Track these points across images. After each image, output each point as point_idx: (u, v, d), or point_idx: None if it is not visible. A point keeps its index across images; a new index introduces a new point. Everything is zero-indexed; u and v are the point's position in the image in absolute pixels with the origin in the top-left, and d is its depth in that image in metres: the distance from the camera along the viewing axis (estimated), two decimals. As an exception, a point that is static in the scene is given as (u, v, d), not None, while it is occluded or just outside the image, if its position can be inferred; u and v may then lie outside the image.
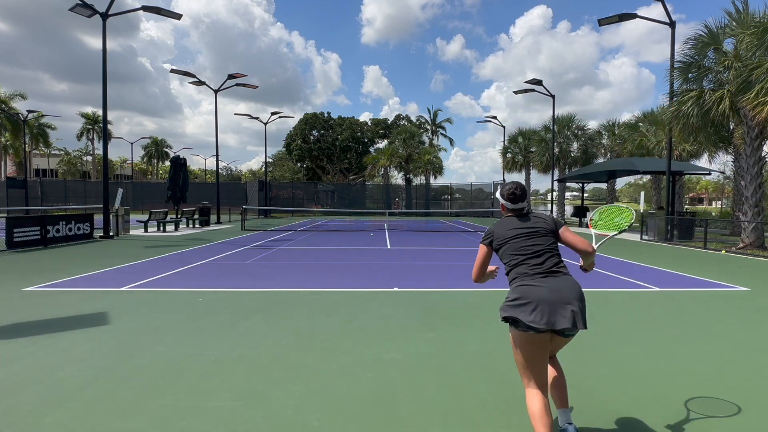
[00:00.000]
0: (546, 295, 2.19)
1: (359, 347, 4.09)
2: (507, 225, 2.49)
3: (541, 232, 2.42)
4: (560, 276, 2.29)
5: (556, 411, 2.48)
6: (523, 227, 2.44)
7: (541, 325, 2.14)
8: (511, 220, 2.51)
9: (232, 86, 22.72)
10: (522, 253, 2.36)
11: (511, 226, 2.47)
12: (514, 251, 2.39)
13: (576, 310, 2.18)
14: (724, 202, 57.59)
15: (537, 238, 2.40)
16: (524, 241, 2.40)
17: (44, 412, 2.79)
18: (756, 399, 3.08)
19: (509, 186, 2.54)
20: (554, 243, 2.45)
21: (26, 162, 38.04)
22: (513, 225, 2.47)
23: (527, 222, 2.47)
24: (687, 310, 5.67)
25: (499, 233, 2.47)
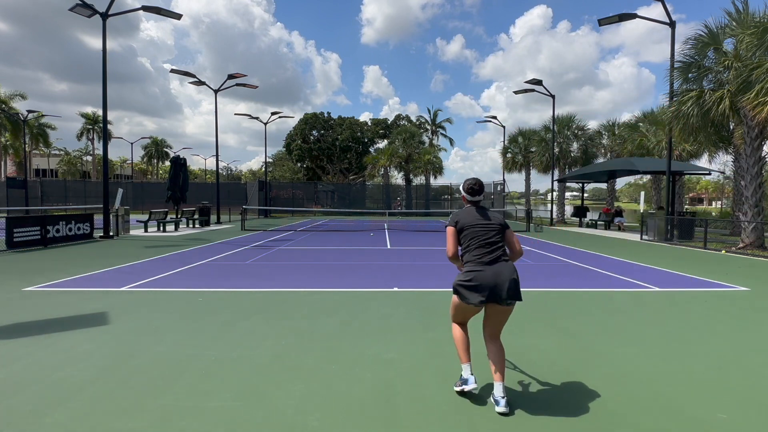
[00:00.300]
0: (490, 279, 2.87)
1: (359, 347, 4.09)
2: (469, 214, 3.08)
3: (495, 227, 3.03)
4: (502, 263, 2.94)
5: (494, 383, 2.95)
6: (482, 220, 3.05)
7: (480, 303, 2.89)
8: (472, 211, 3.11)
9: (232, 86, 22.72)
10: (478, 241, 2.99)
11: (473, 216, 3.07)
12: (472, 237, 3.01)
13: (511, 288, 2.85)
14: (724, 202, 57.59)
15: (491, 231, 3.02)
16: (482, 231, 3.02)
17: (44, 412, 2.79)
18: (756, 399, 3.08)
19: (470, 181, 3.15)
20: (503, 237, 3.05)
21: (26, 162, 38.03)
22: (474, 216, 3.07)
23: (485, 216, 3.08)
24: (687, 310, 5.66)
25: (463, 220, 3.06)
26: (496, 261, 2.93)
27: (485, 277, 2.87)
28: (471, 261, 2.96)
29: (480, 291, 2.86)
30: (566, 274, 8.34)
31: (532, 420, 2.75)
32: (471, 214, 3.07)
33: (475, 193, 3.13)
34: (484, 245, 2.96)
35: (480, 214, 3.07)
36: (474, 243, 2.99)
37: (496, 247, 2.97)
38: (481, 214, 3.07)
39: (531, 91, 23.52)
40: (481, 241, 2.98)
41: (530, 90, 23.47)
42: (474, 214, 3.07)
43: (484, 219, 3.04)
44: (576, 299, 6.19)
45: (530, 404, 2.97)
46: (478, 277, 2.89)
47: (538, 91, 23.21)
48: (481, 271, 2.89)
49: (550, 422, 2.72)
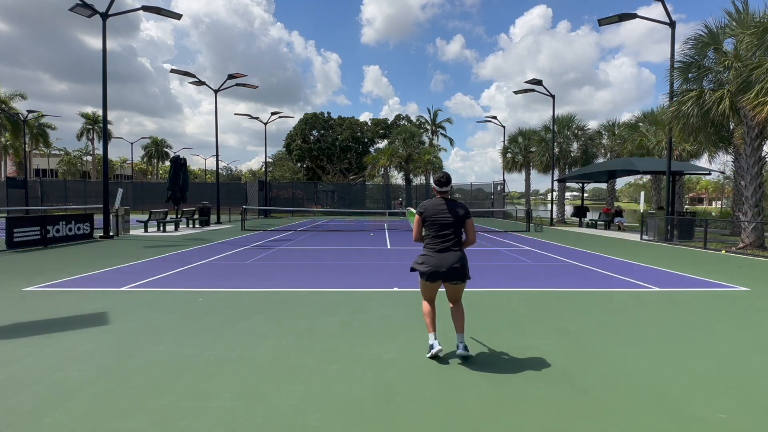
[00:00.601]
0: (438, 262, 3.55)
1: (359, 347, 4.09)
2: (434, 206, 3.62)
3: (451, 220, 3.56)
4: (451, 251, 3.54)
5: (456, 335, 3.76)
6: (444, 210, 3.58)
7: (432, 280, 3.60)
8: (439, 201, 3.64)
9: (232, 86, 22.71)
10: (434, 228, 3.58)
11: (437, 207, 3.60)
12: (432, 225, 3.59)
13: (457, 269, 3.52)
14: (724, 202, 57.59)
15: (448, 221, 3.56)
16: (440, 221, 3.57)
17: (44, 412, 2.79)
18: (756, 399, 3.08)
19: (439, 174, 3.70)
20: (460, 226, 3.58)
21: (26, 162, 38.03)
22: (439, 206, 3.60)
23: (448, 208, 3.58)
24: (687, 310, 5.66)
25: (428, 211, 3.62)
26: (445, 250, 3.55)
27: (432, 262, 3.56)
28: (426, 246, 3.65)
29: (428, 272, 3.57)
30: (566, 274, 8.34)
31: (532, 420, 2.75)
32: (435, 206, 3.62)
33: (442, 185, 3.66)
34: (438, 235, 3.58)
35: (444, 206, 3.60)
36: (432, 232, 3.61)
37: (448, 238, 3.56)
38: (445, 206, 3.60)
39: (531, 91, 23.52)
40: (437, 232, 3.58)
41: (530, 90, 23.46)
42: (437, 207, 3.61)
43: (446, 212, 3.58)
44: (576, 299, 6.19)
45: (530, 404, 2.97)
46: (427, 262, 3.58)
47: (538, 91, 23.21)
48: (430, 257, 3.58)
49: (550, 422, 2.72)
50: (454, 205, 3.60)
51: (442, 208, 3.59)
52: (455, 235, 3.57)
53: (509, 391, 3.16)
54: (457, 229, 3.58)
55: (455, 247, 3.57)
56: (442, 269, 3.53)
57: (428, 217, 3.60)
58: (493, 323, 4.92)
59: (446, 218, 3.56)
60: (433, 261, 3.56)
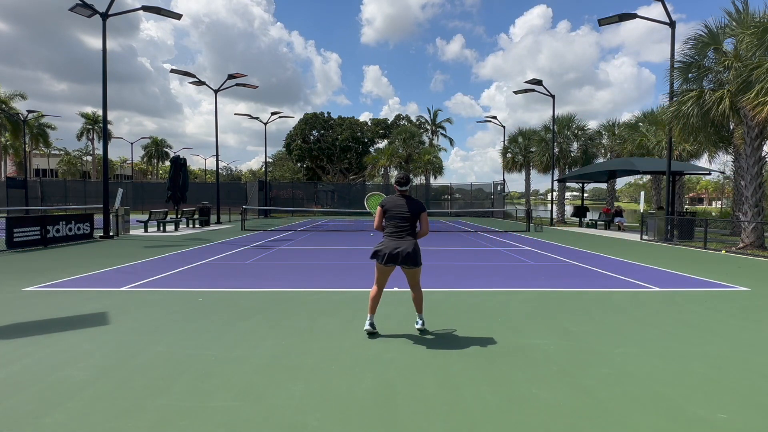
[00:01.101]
0: (391, 248, 4.11)
1: (359, 347, 4.09)
2: (394, 201, 4.25)
3: (407, 214, 4.17)
4: (404, 239, 4.17)
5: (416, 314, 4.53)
6: (401, 205, 4.20)
7: (385, 264, 4.14)
8: (399, 198, 4.26)
9: (232, 86, 22.71)
10: (392, 220, 4.20)
11: (395, 202, 4.23)
12: (390, 217, 4.21)
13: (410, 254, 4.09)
14: (724, 202, 57.58)
15: (405, 215, 4.17)
16: (398, 213, 4.19)
17: (44, 412, 2.79)
18: (756, 399, 3.08)
19: (399, 175, 4.29)
20: (413, 220, 4.21)
21: (26, 162, 38.03)
22: (396, 202, 4.23)
23: (406, 203, 4.21)
24: (687, 310, 5.66)
25: (388, 205, 4.25)
26: (399, 237, 4.16)
27: (388, 247, 4.12)
28: (385, 234, 4.24)
29: (383, 255, 4.11)
30: (566, 274, 8.34)
31: (532, 420, 2.75)
32: (395, 201, 4.24)
33: (401, 184, 4.27)
34: (395, 225, 4.17)
35: (401, 202, 4.22)
36: (390, 222, 4.20)
37: (403, 228, 4.17)
38: (403, 202, 4.22)
39: (531, 91, 23.52)
40: (394, 222, 4.18)
41: (530, 90, 23.47)
42: (397, 201, 4.23)
43: (403, 206, 4.19)
44: (576, 299, 6.19)
45: (530, 404, 2.97)
46: (384, 247, 4.14)
47: (538, 91, 23.21)
48: (388, 244, 4.14)
49: (550, 422, 2.72)
50: (410, 202, 4.22)
51: (401, 204, 4.21)
52: (410, 227, 4.19)
53: (509, 391, 3.16)
54: (412, 222, 4.21)
55: (410, 236, 4.18)
56: (397, 254, 4.07)
57: (388, 210, 4.22)
58: (493, 323, 4.92)
59: (403, 212, 4.17)
60: (389, 246, 4.11)
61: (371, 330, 4.32)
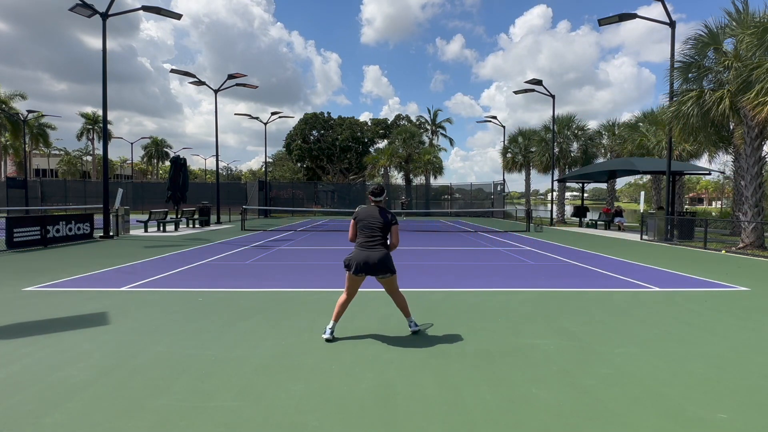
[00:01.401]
0: (362, 258, 4.10)
1: (359, 347, 4.09)
2: (367, 212, 4.23)
3: (381, 223, 4.18)
4: (375, 249, 4.14)
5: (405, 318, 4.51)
6: (374, 216, 4.20)
7: (357, 273, 4.11)
8: (372, 208, 4.26)
9: (232, 86, 22.70)
10: (364, 232, 4.19)
11: (369, 212, 4.22)
12: (362, 228, 4.21)
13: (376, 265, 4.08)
14: (724, 202, 57.58)
15: (376, 226, 4.17)
16: (370, 224, 4.18)
17: (44, 412, 2.79)
18: (756, 399, 3.08)
19: (374, 186, 4.31)
20: (385, 231, 4.22)
21: (26, 162, 38.02)
22: (370, 212, 4.22)
23: (378, 214, 4.20)
24: (687, 310, 5.66)
25: (361, 215, 4.23)
26: (371, 248, 4.14)
27: (359, 257, 4.11)
28: (357, 245, 4.22)
29: (355, 265, 4.10)
30: (566, 274, 8.34)
31: (532, 420, 2.75)
32: (368, 212, 4.23)
33: (375, 195, 4.26)
34: (367, 236, 4.17)
35: (375, 212, 4.21)
36: (362, 233, 4.20)
37: (375, 238, 4.16)
38: (376, 212, 4.21)
39: (531, 91, 23.52)
40: (366, 233, 4.17)
41: (530, 90, 23.46)
42: (370, 212, 4.22)
43: (376, 217, 4.19)
44: (576, 299, 6.19)
45: (530, 404, 2.97)
46: (355, 257, 4.14)
47: (538, 91, 23.21)
48: (359, 253, 4.14)
49: (550, 422, 2.72)
50: (383, 213, 4.22)
51: (375, 213, 4.21)
52: (382, 237, 4.19)
53: (509, 391, 3.16)
54: (384, 232, 4.20)
55: (380, 247, 4.16)
56: (369, 263, 4.08)
57: (361, 220, 4.22)
58: (493, 323, 4.92)
59: (376, 222, 4.18)
60: (361, 256, 4.11)
61: (330, 338, 4.21)
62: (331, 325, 4.28)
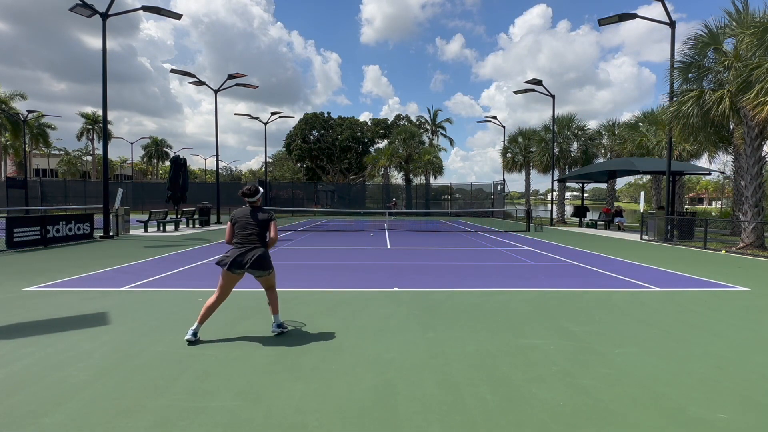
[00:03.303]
0: (238, 257, 4.12)
1: (359, 347, 4.09)
2: (243, 212, 4.33)
3: (256, 222, 4.25)
4: (252, 247, 4.19)
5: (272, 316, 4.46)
6: (249, 216, 4.28)
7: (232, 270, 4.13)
8: (247, 208, 4.33)
9: (232, 86, 22.69)
10: (240, 230, 4.25)
11: (244, 213, 4.31)
12: (238, 228, 4.27)
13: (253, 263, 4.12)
14: (724, 202, 57.56)
15: (252, 224, 4.25)
16: (245, 224, 4.25)
17: (44, 412, 2.79)
18: (756, 399, 3.08)
19: (247, 187, 4.32)
20: (262, 229, 4.26)
21: (26, 162, 38.03)
22: (245, 213, 4.31)
23: (254, 213, 4.30)
24: (687, 310, 5.66)
25: (237, 216, 4.32)
26: (246, 245, 4.19)
27: (235, 255, 4.14)
28: (234, 244, 4.26)
29: (229, 263, 4.11)
30: (566, 274, 8.34)
31: (532, 420, 2.75)
32: (243, 213, 4.32)
33: (247, 196, 4.32)
34: (243, 235, 4.23)
35: (250, 212, 4.30)
36: (238, 233, 4.26)
37: (250, 237, 4.22)
38: (251, 212, 4.30)
39: (531, 91, 23.51)
40: (242, 232, 4.24)
41: (530, 90, 23.46)
42: (245, 213, 4.31)
43: (250, 217, 4.27)
44: (576, 299, 6.19)
45: (530, 404, 2.97)
46: (231, 255, 4.16)
47: (538, 91, 23.21)
48: (234, 250, 4.20)
49: (550, 422, 2.72)
50: (258, 212, 4.30)
51: (249, 214, 4.29)
52: (258, 236, 4.25)
53: (509, 391, 3.16)
54: (260, 230, 4.26)
55: (257, 244, 4.23)
56: (244, 261, 4.12)
57: (237, 221, 4.29)
58: (493, 323, 4.92)
59: (251, 222, 4.26)
60: (237, 254, 4.15)
61: (192, 340, 4.10)
62: (196, 326, 4.15)
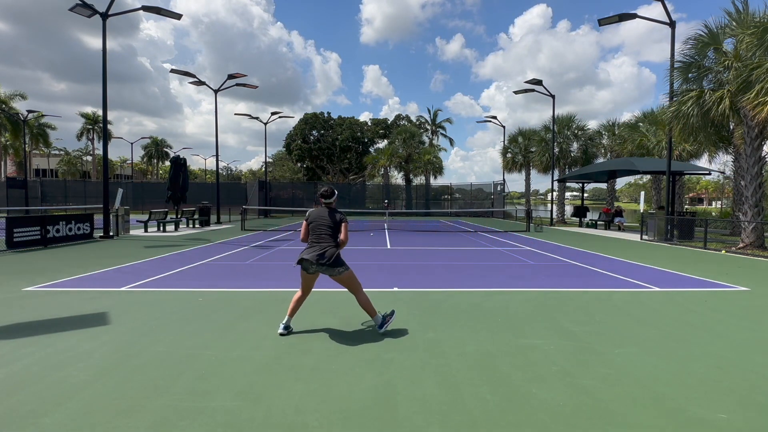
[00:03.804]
0: (313, 255, 4.27)
1: (359, 347, 4.09)
2: (320, 212, 4.48)
3: (330, 222, 4.41)
4: (323, 246, 4.32)
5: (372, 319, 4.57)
6: (324, 217, 4.44)
7: (310, 270, 4.34)
8: (324, 209, 4.50)
9: (232, 86, 22.70)
10: (315, 230, 4.42)
11: (320, 213, 4.47)
12: (313, 228, 4.43)
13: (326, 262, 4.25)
14: (724, 202, 57.56)
15: (326, 225, 4.40)
16: (320, 224, 4.41)
17: (44, 412, 2.79)
18: (756, 399, 3.08)
19: (325, 189, 4.53)
20: (334, 229, 4.42)
21: (26, 162, 38.02)
22: (322, 213, 4.47)
23: (328, 215, 4.45)
24: (687, 310, 5.66)
25: (312, 216, 4.48)
26: (319, 244, 4.35)
27: (310, 254, 4.28)
28: (309, 243, 4.42)
29: (306, 263, 4.30)
30: (566, 274, 8.34)
31: (532, 420, 2.75)
32: (319, 213, 4.47)
33: (325, 198, 4.50)
34: (317, 234, 4.38)
35: (325, 213, 4.46)
36: (313, 232, 4.41)
37: (324, 236, 4.37)
38: (326, 213, 4.45)
39: (531, 91, 23.51)
40: (316, 231, 4.39)
41: (530, 90, 23.46)
42: (321, 213, 4.46)
43: (326, 217, 4.43)
44: (576, 299, 6.19)
45: (530, 404, 2.97)
46: (307, 253, 4.31)
47: (538, 91, 23.20)
48: (309, 249, 4.34)
49: (550, 422, 2.72)
50: (333, 213, 4.46)
51: (325, 214, 4.44)
52: (332, 236, 4.39)
53: (509, 391, 3.16)
54: (334, 231, 4.41)
55: (331, 244, 4.36)
56: (315, 259, 4.25)
57: (312, 221, 4.44)
58: (494, 323, 4.92)
59: (326, 221, 4.41)
60: (309, 253, 4.29)
61: (284, 333, 4.42)
62: (287, 320, 4.47)
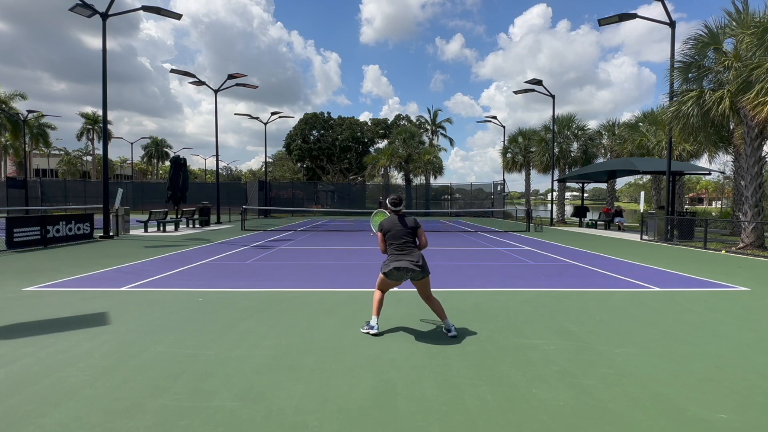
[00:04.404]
0: (400, 262, 4.25)
1: (359, 347, 4.09)
2: (392, 221, 4.45)
3: (408, 229, 4.40)
4: (409, 251, 4.32)
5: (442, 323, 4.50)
6: (399, 224, 4.42)
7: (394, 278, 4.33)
8: (394, 218, 4.48)
9: (232, 86, 22.70)
10: (395, 239, 4.39)
11: (394, 222, 4.44)
12: (391, 237, 4.40)
13: (415, 268, 4.21)
14: (724, 202, 57.57)
15: (406, 232, 4.39)
16: (398, 232, 4.39)
17: (44, 412, 2.79)
18: (756, 399, 3.08)
19: (393, 197, 4.55)
20: (413, 235, 4.43)
21: (26, 162, 38.02)
22: (395, 222, 4.44)
23: (402, 221, 4.44)
24: (687, 310, 5.66)
25: (387, 226, 4.45)
26: (405, 250, 4.32)
27: (397, 261, 4.26)
28: (391, 253, 4.38)
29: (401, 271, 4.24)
30: (566, 274, 8.34)
31: (532, 420, 2.75)
32: (393, 222, 4.44)
33: (397, 205, 4.51)
34: (399, 244, 4.36)
35: (398, 221, 4.44)
36: (393, 241, 4.38)
37: (406, 243, 4.36)
38: (400, 220, 4.44)
39: (531, 91, 23.52)
40: (397, 241, 4.37)
41: (530, 90, 23.46)
42: (395, 221, 4.44)
43: (401, 224, 4.41)
44: (576, 299, 6.19)
45: (530, 404, 2.97)
46: (392, 262, 4.29)
47: (538, 91, 23.21)
48: (394, 256, 4.31)
49: (550, 422, 2.72)
50: (405, 219, 4.46)
51: (399, 222, 4.42)
52: (411, 241, 4.39)
53: (509, 391, 3.16)
54: (413, 236, 4.42)
55: (412, 247, 4.37)
56: (416, 265, 4.22)
57: (387, 230, 4.41)
58: (494, 323, 4.92)
59: (402, 229, 4.39)
60: (398, 260, 4.27)
61: (376, 329, 4.46)
62: (375, 319, 4.46)
